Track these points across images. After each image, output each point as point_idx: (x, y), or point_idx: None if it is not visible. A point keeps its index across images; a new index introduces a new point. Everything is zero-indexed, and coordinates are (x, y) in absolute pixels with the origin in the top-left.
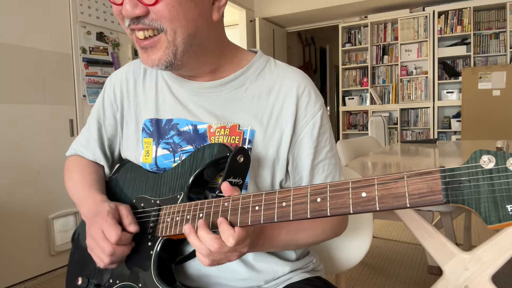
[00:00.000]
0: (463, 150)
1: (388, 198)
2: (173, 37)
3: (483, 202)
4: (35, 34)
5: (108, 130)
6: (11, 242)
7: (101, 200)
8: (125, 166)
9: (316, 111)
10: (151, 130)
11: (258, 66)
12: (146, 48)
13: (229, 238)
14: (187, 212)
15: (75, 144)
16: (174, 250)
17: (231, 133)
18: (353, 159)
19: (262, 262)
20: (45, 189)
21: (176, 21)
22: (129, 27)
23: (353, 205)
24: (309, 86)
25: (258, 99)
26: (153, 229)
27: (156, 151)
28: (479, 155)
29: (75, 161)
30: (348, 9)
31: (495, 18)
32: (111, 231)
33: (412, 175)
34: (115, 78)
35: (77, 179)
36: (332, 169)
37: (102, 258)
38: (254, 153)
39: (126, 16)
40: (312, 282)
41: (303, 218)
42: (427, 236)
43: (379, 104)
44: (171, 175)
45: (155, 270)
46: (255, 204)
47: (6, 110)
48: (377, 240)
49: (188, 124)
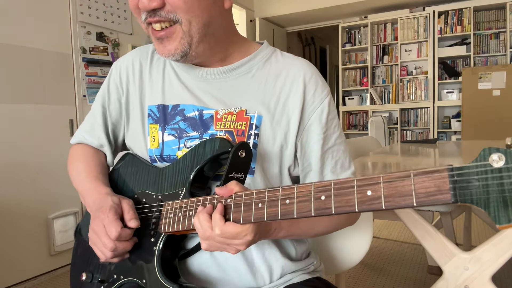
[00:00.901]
0: (463, 150)
1: (394, 197)
2: (189, 27)
3: (492, 201)
4: (35, 34)
5: (113, 114)
6: (11, 242)
7: (105, 192)
8: (125, 159)
9: (324, 97)
10: (157, 116)
11: (265, 55)
12: (162, 39)
13: (216, 228)
14: (190, 208)
15: (79, 131)
16: (177, 245)
17: (238, 118)
18: (353, 159)
19: (264, 262)
20: (45, 189)
21: (191, 12)
22: (145, 20)
23: (358, 203)
24: (316, 74)
25: (265, 85)
26: (156, 225)
27: (163, 137)
28: (488, 153)
29: (80, 150)
30: (348, 9)
31: (495, 18)
32: (112, 227)
33: (419, 173)
34: (121, 63)
35: (82, 169)
36: (341, 156)
37: (104, 253)
38: (261, 139)
39: (143, 9)
40: (312, 283)
41: (307, 216)
42: (427, 236)
43: (379, 104)
44: (172, 170)
45: (158, 266)
46: (258, 201)
47: (6, 110)
48: (377, 240)
49: (194, 110)
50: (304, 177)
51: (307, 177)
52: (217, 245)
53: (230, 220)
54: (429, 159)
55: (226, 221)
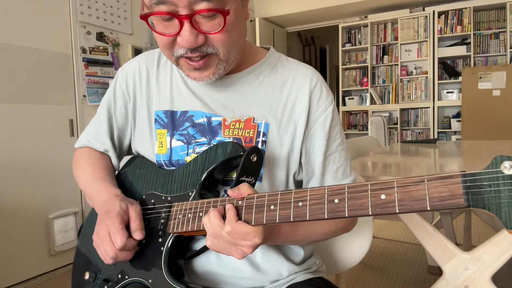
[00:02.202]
0: (463, 150)
1: (408, 201)
2: (227, 56)
3: (503, 207)
4: (35, 34)
5: (119, 120)
6: (11, 242)
7: (115, 194)
8: (134, 161)
9: (328, 105)
10: (165, 121)
11: (272, 61)
12: (198, 68)
13: (227, 225)
14: (200, 209)
15: (84, 135)
16: (184, 246)
17: (246, 126)
18: (353, 159)
19: (268, 263)
20: (45, 189)
21: (233, 44)
22: (184, 55)
23: (372, 206)
24: (320, 81)
25: (272, 93)
26: (164, 225)
27: (171, 143)
28: (500, 161)
29: (85, 152)
30: (348, 9)
31: (495, 18)
32: (118, 236)
33: (432, 178)
34: (127, 68)
35: (90, 171)
36: (343, 162)
37: (105, 258)
38: (268, 146)
39: (188, 46)
40: (314, 283)
41: (320, 219)
42: (427, 236)
43: (379, 104)
44: (183, 172)
45: (165, 266)
46: (270, 203)
47: (6, 110)
48: (377, 240)
49: (203, 116)
50: (307, 182)
51: (310, 182)
52: (224, 245)
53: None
54: (429, 159)
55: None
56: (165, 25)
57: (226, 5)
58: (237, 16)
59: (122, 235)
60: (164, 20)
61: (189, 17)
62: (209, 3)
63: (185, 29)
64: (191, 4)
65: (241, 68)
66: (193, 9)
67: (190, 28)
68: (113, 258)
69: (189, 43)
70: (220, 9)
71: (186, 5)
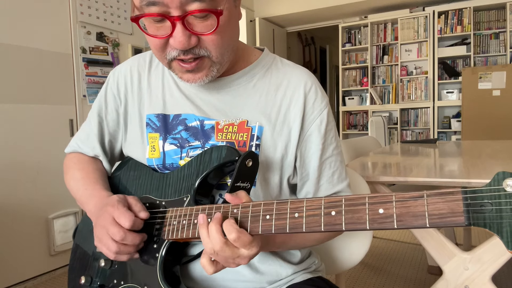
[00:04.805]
0: (463, 150)
1: (407, 217)
2: (220, 58)
3: (505, 226)
4: (35, 34)
5: (110, 124)
6: (11, 242)
7: (107, 195)
8: (128, 163)
9: (323, 108)
10: (157, 125)
11: (266, 63)
12: (191, 70)
13: (232, 234)
14: (194, 216)
15: (74, 140)
16: (180, 252)
17: (239, 129)
18: (353, 159)
19: (266, 264)
20: (45, 189)
21: (226, 46)
22: (177, 57)
23: (369, 221)
24: (315, 84)
25: (266, 96)
26: (159, 231)
27: (164, 146)
28: (502, 178)
29: (75, 158)
30: (348, 9)
31: (495, 18)
32: (124, 217)
33: (432, 194)
34: (119, 71)
35: (80, 177)
36: (339, 166)
37: (111, 247)
38: (262, 150)
39: (181, 48)
40: (314, 283)
41: (316, 231)
42: (427, 236)
43: (379, 104)
44: (177, 176)
45: (161, 273)
46: (266, 213)
47: (6, 110)
48: (377, 240)
49: (196, 120)
50: (302, 186)
51: (305, 186)
52: (224, 257)
53: None
54: (429, 159)
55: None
56: (156, 27)
57: (219, 5)
58: (230, 16)
59: (129, 215)
60: (155, 21)
61: (181, 18)
62: (202, 3)
63: (178, 30)
64: (183, 4)
65: (234, 69)
66: (185, 10)
67: (182, 29)
68: (121, 240)
69: (182, 45)
70: (213, 10)
71: (178, 5)
